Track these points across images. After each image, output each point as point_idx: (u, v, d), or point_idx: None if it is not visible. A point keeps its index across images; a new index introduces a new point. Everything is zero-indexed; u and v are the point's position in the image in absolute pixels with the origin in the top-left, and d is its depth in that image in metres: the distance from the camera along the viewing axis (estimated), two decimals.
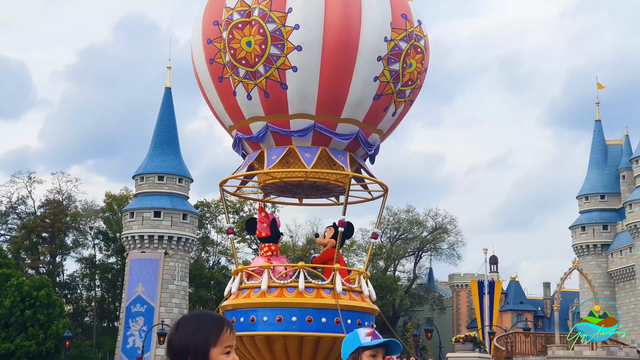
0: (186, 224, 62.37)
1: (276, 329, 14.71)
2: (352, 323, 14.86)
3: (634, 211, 64.08)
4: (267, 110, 15.45)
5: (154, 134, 62.24)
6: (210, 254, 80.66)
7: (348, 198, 15.38)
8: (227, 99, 15.75)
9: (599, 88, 72.96)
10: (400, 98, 15.86)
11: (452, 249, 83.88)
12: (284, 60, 14.97)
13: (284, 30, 14.91)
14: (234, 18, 15.25)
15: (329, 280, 15.01)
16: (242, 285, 15.54)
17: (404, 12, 15.65)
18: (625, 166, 69.06)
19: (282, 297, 14.92)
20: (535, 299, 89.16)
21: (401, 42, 15.42)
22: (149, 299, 61.18)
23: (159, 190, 61.62)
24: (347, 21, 14.93)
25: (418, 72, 15.99)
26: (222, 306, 15.92)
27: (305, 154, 15.34)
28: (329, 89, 15.12)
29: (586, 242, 71.10)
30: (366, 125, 15.70)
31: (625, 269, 67.64)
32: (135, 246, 61.16)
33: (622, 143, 71.80)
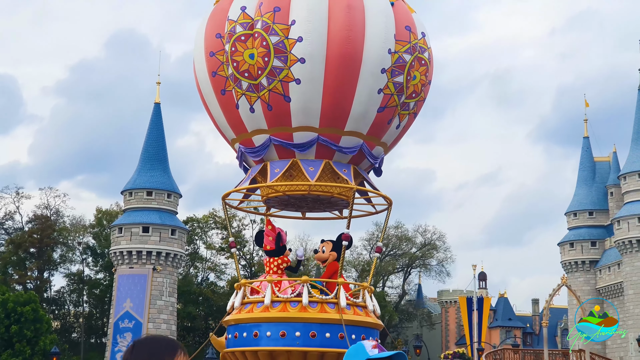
0: (175, 239, 62.05)
1: (280, 344, 14.52)
2: (356, 338, 14.59)
3: (622, 228, 64.25)
4: (270, 123, 15.34)
5: (143, 149, 62.04)
6: (199, 269, 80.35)
7: (352, 211, 15.23)
8: (230, 111, 15.63)
9: (586, 105, 73.55)
10: (405, 110, 15.77)
11: (441, 266, 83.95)
12: (287, 72, 14.89)
13: (287, 43, 14.84)
14: (236, 30, 15.18)
15: (333, 295, 14.85)
16: (245, 300, 15.37)
17: (407, 24, 15.60)
18: (613, 183, 69.31)
19: (285, 311, 14.74)
20: (524, 316, 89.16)
21: (405, 54, 15.35)
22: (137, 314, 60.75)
23: (147, 206, 61.32)
24: (350, 33, 14.85)
25: (422, 84, 15.90)
26: (225, 321, 15.71)
27: (309, 167, 15.20)
28: (332, 102, 15.02)
29: (574, 258, 71.17)
30: (370, 138, 15.59)
31: (614, 286, 67.73)
32: (124, 262, 60.77)
33: (610, 160, 72.09)
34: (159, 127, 63.10)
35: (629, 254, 64.30)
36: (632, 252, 64.00)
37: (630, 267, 64.38)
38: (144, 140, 63.21)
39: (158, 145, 63.21)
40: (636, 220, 63.81)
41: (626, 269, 65.07)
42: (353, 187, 15.34)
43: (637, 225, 63.76)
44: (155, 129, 62.86)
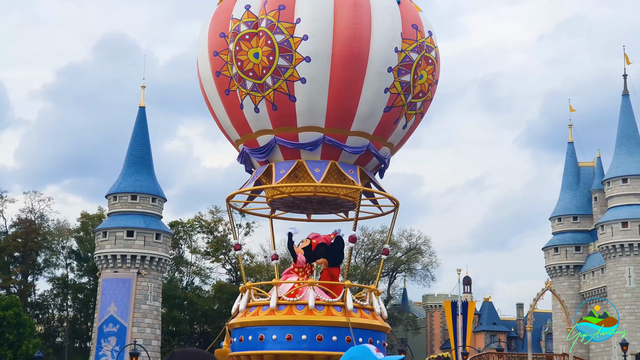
0: (159, 243, 61.66)
1: (286, 347, 14.31)
2: (363, 341, 14.36)
3: (605, 232, 64.49)
4: (275, 123, 15.07)
5: (128, 153, 61.65)
6: (184, 274, 79.87)
7: (359, 213, 14.98)
8: (234, 112, 15.35)
9: (571, 111, 73.88)
10: (411, 110, 15.52)
11: (426, 270, 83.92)
12: (293, 71, 14.64)
13: (292, 41, 14.59)
14: (241, 29, 14.93)
15: (339, 298, 14.60)
16: (250, 303, 15.12)
17: (414, 23, 15.34)
18: (597, 188, 69.56)
19: (291, 314, 14.49)
20: (509, 320, 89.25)
21: (412, 53, 15.10)
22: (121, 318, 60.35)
23: (132, 210, 60.90)
24: (356, 31, 14.58)
25: (429, 83, 15.64)
26: (230, 324, 15.47)
27: (315, 168, 14.92)
28: (338, 101, 14.76)
29: (559, 263, 71.33)
30: (376, 138, 15.32)
31: (597, 290, 67.94)
32: (108, 266, 60.32)
33: (594, 165, 72.40)
34: (144, 131, 62.80)
35: (613, 258, 64.57)
36: (616, 257, 64.27)
37: (613, 272, 64.65)
38: (129, 144, 62.89)
39: (143, 149, 62.89)
40: (620, 225, 64.08)
41: (609, 274, 65.33)
42: (360, 188, 15.07)
43: (620, 230, 64.02)
44: (140, 132, 62.56)
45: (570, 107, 73.65)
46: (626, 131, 65.73)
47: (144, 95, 62.01)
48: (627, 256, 63.74)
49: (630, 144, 65.21)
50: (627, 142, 65.30)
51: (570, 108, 73.63)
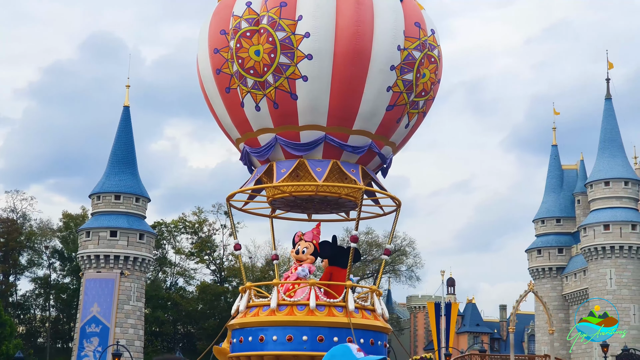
0: (143, 244, 61.45)
1: (286, 348, 14.07)
2: (365, 342, 14.25)
3: (588, 235, 64.92)
4: (277, 121, 14.88)
5: (111, 152, 61.39)
6: (168, 274, 79.64)
7: (360, 213, 14.87)
8: (235, 110, 15.14)
9: (555, 114, 74.38)
10: (414, 109, 15.35)
11: (410, 271, 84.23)
12: (294, 69, 14.42)
13: (293, 39, 14.38)
14: (242, 26, 14.70)
15: (341, 298, 14.42)
16: (251, 303, 14.88)
17: (417, 21, 15.16)
18: (581, 191, 70.08)
19: (292, 315, 14.25)
20: (492, 321, 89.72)
21: (415, 51, 14.92)
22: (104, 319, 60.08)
23: (115, 210, 60.68)
24: (359, 29, 14.39)
25: (432, 82, 15.48)
26: (230, 325, 15.22)
27: (316, 167, 14.75)
28: (340, 99, 14.57)
29: (542, 265, 71.80)
30: (379, 137, 15.15)
31: (579, 292, 68.45)
32: (91, 266, 60.04)
33: (577, 168, 72.97)
34: (128, 131, 62.60)
35: (595, 260, 65.03)
36: (598, 259, 64.73)
37: (595, 274, 65.12)
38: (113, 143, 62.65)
39: (127, 148, 62.69)
40: (602, 227, 64.56)
41: (591, 276, 65.79)
42: (362, 188, 14.91)
43: (602, 233, 64.50)
44: (124, 132, 62.37)
45: (555, 110, 74.18)
46: (609, 135, 66.26)
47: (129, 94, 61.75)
48: (608, 258, 64.24)
49: (612, 147, 65.73)
50: (609, 145, 65.82)
51: (554, 111, 74.14)
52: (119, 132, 61.25)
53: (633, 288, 63.53)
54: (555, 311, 68.89)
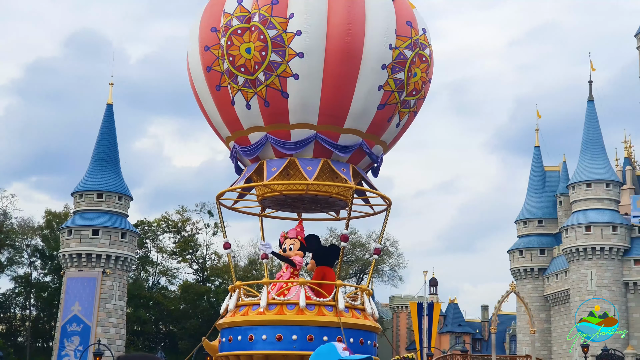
0: (125, 242, 61.12)
1: (276, 347, 14.02)
2: (355, 342, 14.21)
3: (569, 236, 65.18)
4: (267, 120, 14.80)
5: (94, 151, 61.01)
6: (150, 273, 79.25)
7: (351, 212, 14.82)
8: (225, 108, 15.05)
9: (538, 116, 74.68)
10: (405, 108, 15.32)
11: (393, 271, 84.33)
12: (285, 67, 14.35)
13: (285, 37, 14.31)
14: (233, 24, 14.62)
15: (330, 297, 14.37)
16: (240, 302, 14.80)
17: (409, 20, 15.14)
18: (563, 192, 70.31)
19: (282, 314, 14.20)
20: (474, 322, 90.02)
21: (406, 50, 14.89)
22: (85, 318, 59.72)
23: (97, 208, 60.29)
24: (351, 27, 14.34)
25: (423, 81, 15.47)
26: (219, 324, 15.09)
27: (307, 166, 14.69)
28: (331, 98, 14.51)
29: (524, 266, 71.99)
30: (369, 136, 15.10)
31: (561, 293, 68.68)
32: (73, 264, 59.66)
33: (559, 169, 73.29)
34: (111, 129, 62.26)
35: (576, 262, 65.30)
36: (579, 260, 65.00)
37: (576, 275, 65.38)
38: (95, 141, 62.34)
39: (110, 147, 62.35)
40: (583, 229, 64.81)
41: (573, 277, 66.06)
42: (352, 187, 14.87)
43: (584, 234, 64.76)
44: (107, 130, 62.02)
45: (538, 112, 74.48)
46: (591, 136, 66.54)
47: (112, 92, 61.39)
48: (589, 259, 64.52)
49: (594, 149, 66.01)
50: (591, 147, 66.11)
51: (537, 114, 74.49)
52: (102, 130, 60.89)
53: (613, 289, 63.86)
54: (537, 312, 69.15)
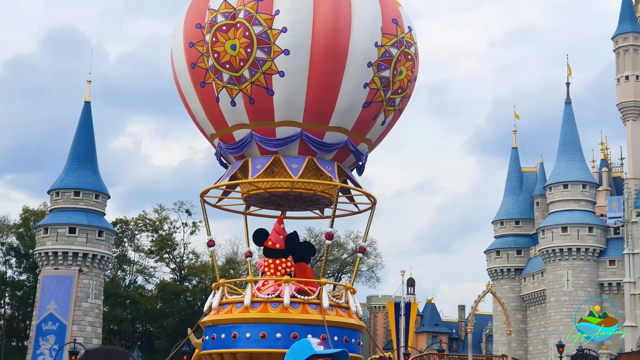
0: (102, 241, 60.76)
1: (260, 345, 13.94)
2: (339, 340, 14.15)
3: (546, 237, 65.53)
4: (252, 117, 14.68)
5: (72, 148, 60.63)
6: (127, 272, 78.88)
7: (336, 210, 14.78)
8: (210, 105, 14.93)
9: (516, 118, 75.08)
10: (390, 106, 15.26)
11: (371, 271, 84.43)
12: (271, 64, 14.26)
13: (270, 33, 14.22)
14: (218, 20, 14.53)
15: (315, 296, 14.31)
16: (224, 300, 14.69)
17: (394, 17, 15.09)
18: (540, 193, 70.70)
19: (266, 312, 14.12)
20: (451, 322, 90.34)
21: (392, 48, 14.84)
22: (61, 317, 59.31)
23: (74, 206, 59.92)
24: (337, 24, 14.28)
25: (408, 80, 15.40)
26: (202, 322, 15.00)
27: (292, 164, 14.61)
28: (317, 95, 14.44)
29: (500, 266, 72.29)
30: (355, 134, 15.05)
31: (537, 293, 69.04)
32: (49, 263, 59.24)
33: (537, 170, 73.65)
34: (89, 126, 61.91)
35: (552, 262, 65.66)
36: (555, 261, 65.38)
37: (553, 275, 65.76)
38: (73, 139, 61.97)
39: (87, 144, 61.97)
40: (560, 230, 65.18)
41: (549, 277, 66.43)
42: (337, 185, 14.82)
43: (560, 235, 65.14)
44: (85, 128, 61.64)
45: (515, 114, 74.88)
46: (568, 138, 66.97)
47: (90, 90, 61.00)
48: (566, 260, 64.93)
49: (571, 150, 66.44)
50: (568, 148, 66.53)
51: (515, 115, 74.83)
52: (79, 127, 60.52)
53: (589, 289, 64.30)
54: (513, 312, 69.49)
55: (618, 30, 68.05)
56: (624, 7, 68.55)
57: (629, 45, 67.48)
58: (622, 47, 67.68)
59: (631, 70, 67.17)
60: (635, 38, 67.57)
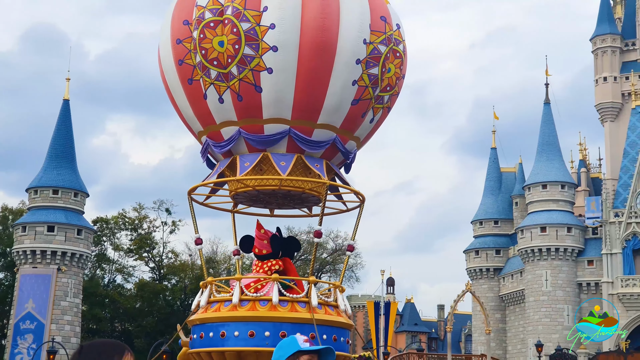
0: (81, 239, 60.44)
1: (248, 344, 13.83)
2: (327, 338, 14.07)
3: (525, 237, 65.84)
4: (240, 114, 14.58)
5: (50, 146, 60.27)
6: (106, 271, 78.44)
7: (324, 208, 14.66)
8: (197, 102, 14.83)
9: (495, 118, 75.45)
10: (379, 104, 15.21)
11: (350, 271, 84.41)
12: (259, 61, 14.16)
13: (258, 30, 14.13)
14: (205, 17, 14.42)
15: (304, 294, 14.23)
16: (212, 299, 14.57)
17: (383, 14, 15.03)
18: (518, 193, 71.07)
19: (254, 310, 14.00)
20: (430, 321, 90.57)
21: (380, 45, 14.79)
22: (39, 315, 58.96)
23: (53, 204, 59.57)
24: (325, 21, 14.21)
25: (397, 77, 15.38)
26: (190, 320, 14.87)
27: (280, 161, 14.54)
28: (305, 93, 14.36)
29: (479, 266, 72.57)
30: (343, 131, 14.98)
31: (516, 293, 69.36)
32: (27, 261, 58.86)
33: (515, 171, 74.09)
34: (68, 124, 61.58)
35: (531, 262, 65.99)
36: (534, 261, 65.71)
37: (531, 275, 66.09)
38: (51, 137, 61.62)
39: (66, 142, 61.63)
40: (538, 230, 65.51)
41: (528, 277, 66.74)
42: (326, 183, 14.74)
43: (539, 235, 65.47)
44: (64, 126, 61.31)
45: (495, 114, 75.22)
46: (547, 138, 67.37)
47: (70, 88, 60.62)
48: (544, 260, 65.29)
49: (550, 151, 66.85)
50: (547, 149, 66.94)
51: (494, 115, 75.18)
52: (58, 125, 60.19)
53: (567, 289, 64.71)
54: (492, 312, 69.78)
55: (596, 32, 68.54)
56: (602, 8, 69.04)
57: (607, 47, 67.99)
58: (600, 49, 68.19)
59: (609, 72, 67.69)
60: (613, 40, 68.08)
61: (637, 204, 62.66)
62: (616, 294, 61.20)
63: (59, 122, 60.32)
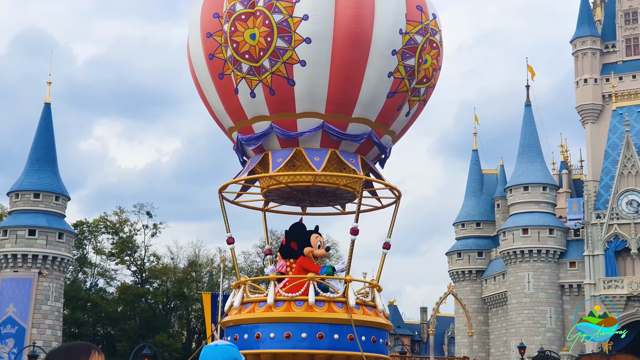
0: (62, 243, 59.90)
1: (284, 346, 13.39)
2: (366, 340, 13.60)
3: (507, 239, 66.02)
4: (272, 108, 14.08)
5: (31, 150, 59.77)
6: (88, 275, 77.66)
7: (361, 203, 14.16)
8: (228, 97, 14.31)
9: (476, 120, 75.69)
10: (415, 97, 14.66)
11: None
12: (292, 53, 13.66)
13: (291, 21, 13.64)
14: (236, 9, 13.91)
15: (341, 293, 13.72)
16: (245, 299, 14.06)
17: (419, 4, 14.53)
18: (500, 195, 71.29)
19: (290, 311, 13.49)
20: (413, 324, 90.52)
21: (417, 36, 14.26)
22: (20, 320, 58.38)
23: (34, 208, 59.05)
24: (359, 11, 13.66)
25: (433, 69, 14.84)
26: (223, 322, 14.37)
27: (314, 157, 14.02)
28: (340, 85, 13.82)
29: (462, 268, 72.63)
30: (378, 125, 14.44)
31: (498, 295, 69.49)
32: (8, 265, 58.27)
33: (497, 173, 74.31)
34: (49, 128, 61.29)
35: (513, 264, 66.17)
36: (516, 263, 65.91)
37: (514, 277, 66.28)
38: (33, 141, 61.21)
39: (47, 146, 61.28)
40: (520, 231, 65.70)
41: (510, 279, 66.93)
42: (362, 178, 14.28)
43: (521, 237, 65.67)
44: (45, 129, 61.00)
45: (476, 117, 75.44)
46: (528, 140, 67.70)
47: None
48: (526, 262, 65.51)
49: (531, 153, 67.16)
50: (528, 151, 67.25)
51: (475, 118, 75.43)
52: (39, 129, 59.82)
53: (549, 291, 64.96)
54: (475, 314, 69.91)
55: (576, 34, 68.99)
56: (582, 10, 69.53)
57: (587, 49, 68.44)
58: (581, 51, 68.65)
59: (589, 74, 68.15)
60: (593, 42, 68.54)
61: (618, 205, 63.10)
62: (598, 295, 61.56)
63: (40, 125, 60.04)
